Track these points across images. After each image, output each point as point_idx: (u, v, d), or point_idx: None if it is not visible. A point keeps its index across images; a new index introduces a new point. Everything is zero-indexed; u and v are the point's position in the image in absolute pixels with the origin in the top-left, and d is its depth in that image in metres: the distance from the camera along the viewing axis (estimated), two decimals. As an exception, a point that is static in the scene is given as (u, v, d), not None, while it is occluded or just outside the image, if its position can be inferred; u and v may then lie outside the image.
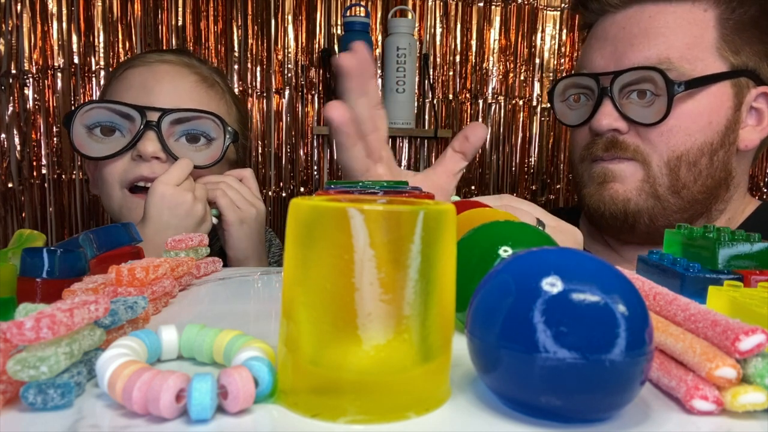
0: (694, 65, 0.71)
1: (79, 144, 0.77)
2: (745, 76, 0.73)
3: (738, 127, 0.75)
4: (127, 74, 0.82)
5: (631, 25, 0.74)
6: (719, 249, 0.40)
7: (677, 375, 0.26)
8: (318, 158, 1.50)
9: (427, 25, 1.51)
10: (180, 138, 0.79)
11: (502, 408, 0.25)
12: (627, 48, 0.73)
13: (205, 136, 0.80)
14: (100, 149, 0.77)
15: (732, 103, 0.73)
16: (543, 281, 0.23)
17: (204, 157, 0.80)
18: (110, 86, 0.84)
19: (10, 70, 1.35)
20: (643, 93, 0.72)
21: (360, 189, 0.42)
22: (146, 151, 0.75)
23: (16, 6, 1.34)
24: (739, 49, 0.73)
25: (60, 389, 0.24)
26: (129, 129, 0.77)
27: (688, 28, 0.72)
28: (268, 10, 1.44)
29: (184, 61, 0.85)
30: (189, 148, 0.80)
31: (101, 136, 0.78)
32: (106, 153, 0.76)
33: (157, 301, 0.39)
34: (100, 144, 0.78)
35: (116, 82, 0.83)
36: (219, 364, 0.29)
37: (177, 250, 0.49)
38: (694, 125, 0.72)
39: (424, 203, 0.26)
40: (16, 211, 1.39)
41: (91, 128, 0.77)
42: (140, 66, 0.82)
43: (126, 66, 0.83)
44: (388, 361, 0.24)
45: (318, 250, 0.24)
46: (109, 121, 0.77)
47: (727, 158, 0.75)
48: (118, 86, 0.82)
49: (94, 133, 0.78)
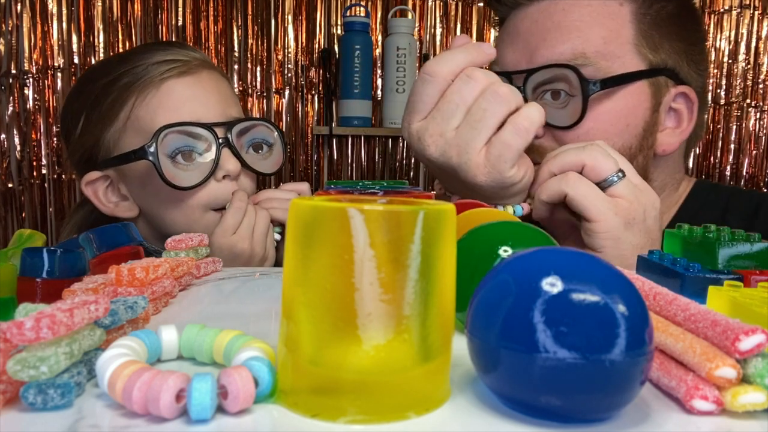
0: (611, 62, 0.66)
1: (171, 176, 0.71)
2: (664, 74, 0.69)
3: (656, 129, 0.70)
4: (170, 87, 0.75)
5: (543, 18, 0.68)
6: (719, 249, 0.40)
7: (677, 375, 0.26)
8: (318, 158, 1.50)
9: (427, 25, 1.51)
10: (248, 149, 0.78)
11: (502, 408, 0.25)
12: (539, 43, 0.68)
13: (265, 143, 0.79)
14: (189, 177, 0.73)
15: (650, 104, 0.68)
16: (543, 281, 0.23)
17: (271, 164, 0.80)
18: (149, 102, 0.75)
19: (10, 70, 1.35)
20: (557, 93, 0.66)
21: (360, 189, 0.42)
22: (234, 171, 0.74)
23: (16, 6, 1.34)
24: (657, 46, 0.69)
25: (60, 389, 0.24)
26: (204, 149, 0.74)
27: (604, 22, 0.67)
28: (268, 10, 1.44)
29: (207, 62, 0.81)
30: (257, 157, 0.78)
31: (185, 163, 0.73)
32: (197, 180, 0.73)
33: (157, 301, 0.39)
34: (186, 172, 0.73)
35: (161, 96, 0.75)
36: (219, 364, 0.29)
37: (177, 250, 0.49)
38: (612, 128, 0.67)
39: (424, 203, 0.26)
40: (16, 211, 1.39)
41: (173, 156, 0.72)
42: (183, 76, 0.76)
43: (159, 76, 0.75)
44: (388, 361, 0.24)
45: (318, 250, 0.24)
46: (186, 146, 0.72)
47: (645, 164, 0.70)
48: (167, 101, 0.75)
49: (177, 161, 0.72)
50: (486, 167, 0.56)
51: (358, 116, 1.42)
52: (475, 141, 0.56)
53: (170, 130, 0.71)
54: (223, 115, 0.77)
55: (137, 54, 0.79)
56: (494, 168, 0.56)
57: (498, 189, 0.59)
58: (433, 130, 0.58)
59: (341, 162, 1.51)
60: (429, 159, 0.59)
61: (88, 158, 0.80)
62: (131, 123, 0.76)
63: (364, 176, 1.52)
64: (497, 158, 0.56)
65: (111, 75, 0.77)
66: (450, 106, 0.57)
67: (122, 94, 0.76)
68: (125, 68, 0.77)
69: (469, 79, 0.56)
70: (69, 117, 0.82)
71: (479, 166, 0.56)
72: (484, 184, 0.57)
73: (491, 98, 0.55)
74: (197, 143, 0.73)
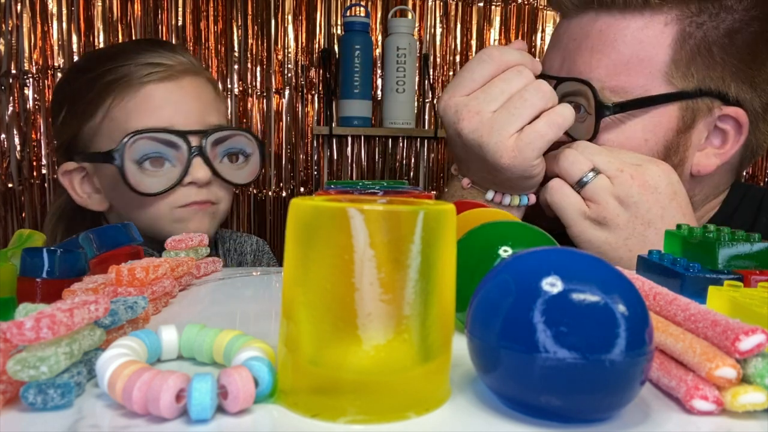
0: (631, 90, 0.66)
1: (135, 183, 0.72)
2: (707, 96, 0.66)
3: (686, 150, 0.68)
4: (148, 91, 0.75)
5: (580, 36, 0.68)
6: (719, 249, 0.40)
7: (677, 375, 0.26)
8: (318, 158, 1.50)
9: (427, 25, 1.51)
10: (223, 159, 0.78)
11: (502, 408, 0.25)
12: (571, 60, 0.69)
13: (242, 153, 0.79)
14: (154, 184, 0.73)
15: (675, 125, 0.66)
16: (543, 281, 0.23)
17: (245, 175, 0.80)
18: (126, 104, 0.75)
19: (10, 70, 1.35)
20: (578, 107, 0.67)
21: (360, 189, 0.42)
22: (202, 179, 0.74)
23: (16, 6, 1.34)
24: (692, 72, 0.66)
25: (60, 389, 0.24)
26: (176, 156, 0.74)
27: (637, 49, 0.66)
28: (268, 10, 1.44)
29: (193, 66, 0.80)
30: (232, 167, 0.79)
31: (152, 169, 0.73)
32: (163, 186, 0.73)
33: (157, 301, 0.39)
34: (153, 178, 0.73)
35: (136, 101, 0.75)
36: (219, 364, 0.29)
37: (177, 250, 0.49)
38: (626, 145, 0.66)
39: (424, 203, 0.26)
40: (16, 211, 1.39)
41: (140, 162, 0.72)
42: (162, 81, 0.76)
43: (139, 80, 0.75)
44: (388, 361, 0.24)
45: (318, 250, 0.24)
46: (155, 152, 0.73)
47: None
48: (143, 105, 0.75)
49: (145, 167, 0.73)
50: (513, 151, 0.59)
51: (358, 116, 1.42)
52: (509, 125, 0.59)
53: (139, 136, 0.72)
54: (201, 122, 0.76)
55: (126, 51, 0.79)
56: (521, 153, 0.59)
57: (516, 176, 0.61)
58: (472, 107, 0.61)
59: (341, 162, 1.51)
60: (459, 133, 0.62)
61: (66, 148, 0.81)
62: (106, 123, 0.76)
63: (364, 176, 1.52)
64: (527, 145, 0.59)
65: (96, 70, 0.77)
66: (495, 90, 0.60)
67: (102, 91, 0.76)
68: (111, 65, 0.77)
69: (519, 72, 0.61)
70: (55, 104, 0.83)
71: (507, 149, 0.59)
72: (506, 167, 0.60)
73: (533, 91, 0.59)
74: (168, 150, 0.73)
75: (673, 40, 0.65)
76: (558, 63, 0.71)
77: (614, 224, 0.59)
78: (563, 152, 0.61)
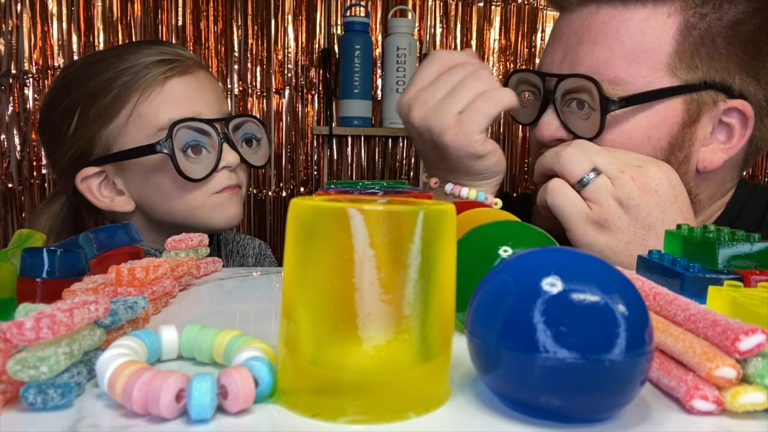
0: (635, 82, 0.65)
1: (185, 169, 0.76)
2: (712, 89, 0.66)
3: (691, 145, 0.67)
4: (173, 85, 0.79)
5: (582, 29, 0.68)
6: (719, 249, 0.40)
7: (677, 375, 0.26)
8: (318, 158, 1.50)
9: (427, 25, 1.51)
10: (242, 144, 0.83)
11: (502, 408, 0.25)
12: (573, 53, 0.68)
13: (255, 137, 0.84)
14: (199, 169, 0.78)
15: (680, 119, 0.66)
16: (543, 281, 0.23)
17: (260, 158, 0.84)
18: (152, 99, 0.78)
19: (10, 70, 1.35)
20: (581, 104, 0.66)
21: (360, 189, 0.42)
22: (233, 163, 0.79)
23: (16, 6, 1.34)
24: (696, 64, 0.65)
25: (60, 389, 0.24)
26: (210, 143, 0.78)
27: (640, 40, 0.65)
28: (268, 10, 1.44)
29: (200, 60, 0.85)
30: (249, 151, 0.83)
31: (194, 156, 0.78)
32: (204, 172, 0.78)
33: (157, 301, 0.39)
34: (196, 165, 0.78)
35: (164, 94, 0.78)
36: (219, 364, 0.29)
37: (177, 250, 0.49)
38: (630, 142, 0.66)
39: (424, 203, 0.26)
40: (16, 211, 1.39)
41: (184, 150, 0.77)
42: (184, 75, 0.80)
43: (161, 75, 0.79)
44: (388, 361, 0.24)
45: (318, 250, 0.24)
46: (194, 140, 0.77)
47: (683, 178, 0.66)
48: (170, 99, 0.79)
49: (188, 155, 0.77)
50: (456, 128, 0.63)
51: (358, 116, 1.42)
52: (451, 106, 0.63)
53: (182, 125, 0.76)
54: (220, 111, 0.81)
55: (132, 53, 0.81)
56: (462, 129, 0.62)
57: (463, 154, 0.64)
58: (421, 98, 0.65)
59: (341, 162, 1.51)
60: (412, 123, 0.66)
61: (80, 155, 0.81)
62: (134, 120, 0.78)
63: (364, 176, 1.52)
64: (467, 119, 0.62)
65: (107, 73, 0.79)
66: (440, 83, 0.65)
67: (123, 92, 0.78)
68: (123, 66, 0.79)
69: (463, 67, 0.65)
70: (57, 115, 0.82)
71: (449, 127, 0.63)
72: (450, 143, 0.63)
73: (473, 77, 0.64)
74: (203, 138, 0.78)
75: (676, 31, 0.65)
76: (559, 58, 0.70)
77: (615, 227, 0.59)
78: (564, 150, 0.61)
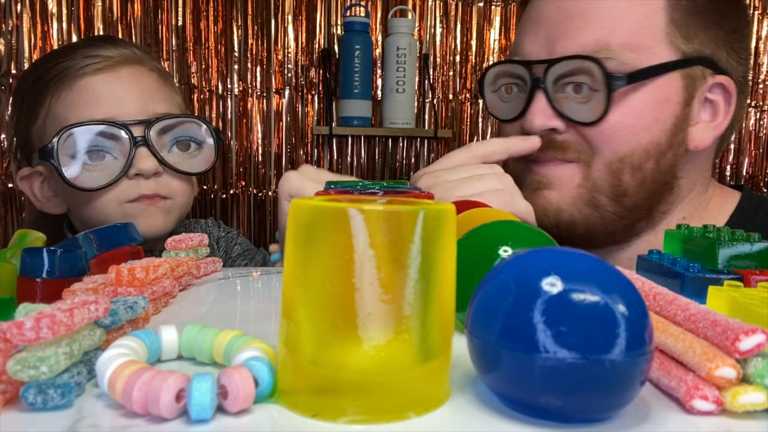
0: (639, 54, 0.62)
1: (73, 178, 0.70)
2: (699, 64, 0.64)
3: (687, 125, 0.66)
4: (84, 84, 0.73)
5: (567, 5, 0.64)
6: (719, 249, 0.40)
7: (677, 375, 0.26)
8: (318, 158, 1.50)
9: (427, 25, 1.51)
10: (172, 148, 0.76)
11: (502, 408, 0.25)
12: (562, 33, 0.64)
13: (194, 140, 0.77)
14: (95, 178, 0.71)
15: (681, 96, 0.64)
16: (543, 281, 0.23)
17: (199, 163, 0.78)
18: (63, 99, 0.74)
19: (10, 70, 1.35)
20: (579, 87, 0.63)
21: (360, 189, 0.42)
22: (148, 169, 0.72)
23: (16, 6, 1.34)
24: (692, 34, 0.64)
25: (60, 389, 0.24)
26: (117, 148, 0.72)
27: (634, 10, 0.63)
28: (268, 10, 1.44)
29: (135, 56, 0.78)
30: (183, 156, 0.77)
31: (92, 163, 0.71)
32: (105, 180, 0.71)
33: (157, 301, 0.39)
34: (94, 172, 0.71)
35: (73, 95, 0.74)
36: (219, 364, 0.29)
37: (177, 250, 0.49)
38: (638, 123, 0.63)
39: (424, 203, 0.26)
40: (16, 211, 1.39)
41: (78, 157, 0.71)
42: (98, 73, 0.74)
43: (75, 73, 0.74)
44: (388, 361, 0.24)
45: (318, 250, 0.24)
46: (94, 145, 0.71)
47: (674, 160, 0.66)
48: (80, 99, 0.73)
49: (84, 162, 0.71)
50: None
51: (358, 116, 1.42)
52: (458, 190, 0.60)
53: (73, 129, 0.70)
54: (144, 112, 0.74)
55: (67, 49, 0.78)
56: None
57: None
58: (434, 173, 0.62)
59: (341, 162, 1.51)
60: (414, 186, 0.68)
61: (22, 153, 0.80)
62: (49, 121, 0.75)
63: (364, 176, 1.52)
64: None
65: (39, 71, 0.77)
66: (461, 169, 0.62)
67: (42, 90, 0.75)
68: (51, 64, 0.76)
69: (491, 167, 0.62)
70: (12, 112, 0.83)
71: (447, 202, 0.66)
72: None
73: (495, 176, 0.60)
74: (108, 142, 0.71)
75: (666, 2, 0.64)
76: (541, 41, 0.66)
77: None
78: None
